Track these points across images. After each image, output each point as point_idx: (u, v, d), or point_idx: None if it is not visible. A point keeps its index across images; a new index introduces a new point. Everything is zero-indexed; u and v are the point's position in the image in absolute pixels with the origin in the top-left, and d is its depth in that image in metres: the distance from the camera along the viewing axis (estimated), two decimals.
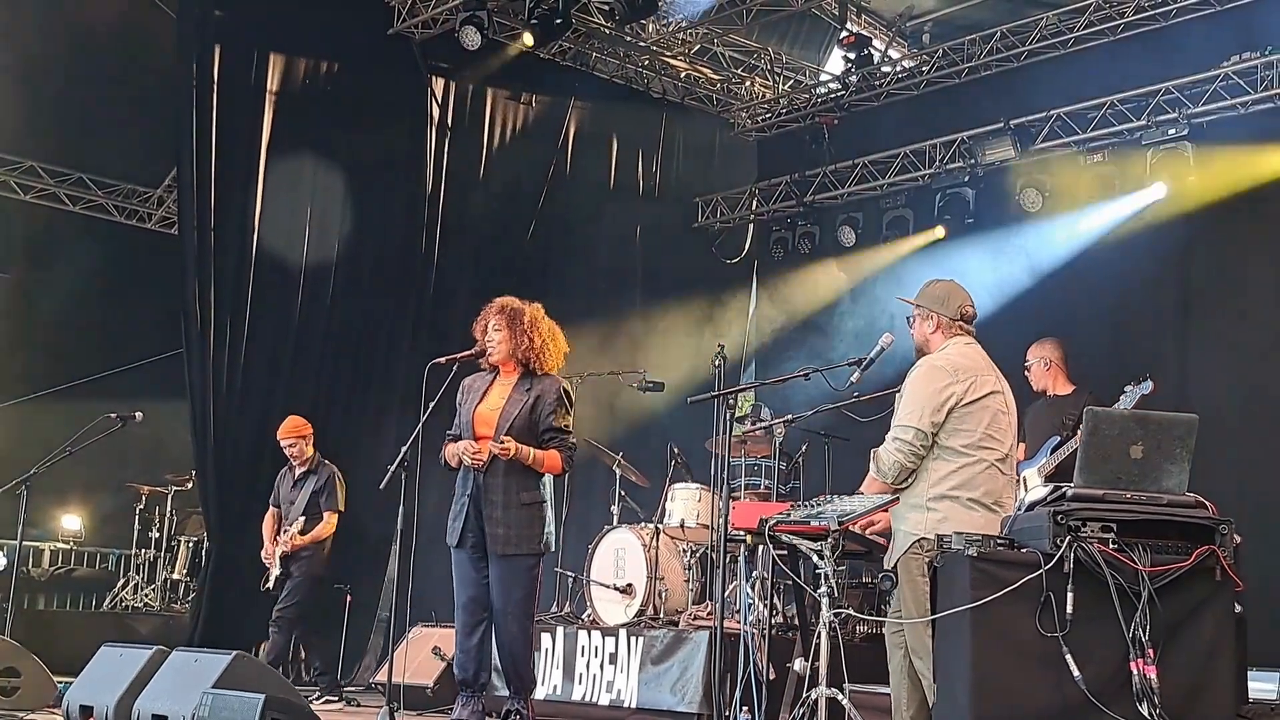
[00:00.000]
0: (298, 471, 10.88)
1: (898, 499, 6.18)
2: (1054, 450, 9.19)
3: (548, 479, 7.69)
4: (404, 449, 7.46)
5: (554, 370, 7.79)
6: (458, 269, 14.19)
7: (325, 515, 10.68)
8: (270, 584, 10.63)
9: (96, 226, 15.48)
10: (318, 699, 10.38)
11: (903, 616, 6.20)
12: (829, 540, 5.86)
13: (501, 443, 7.43)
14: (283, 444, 10.88)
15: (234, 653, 6.97)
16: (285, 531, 10.64)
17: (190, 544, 14.58)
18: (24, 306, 14.74)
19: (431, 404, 7.62)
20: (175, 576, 14.61)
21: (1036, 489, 8.81)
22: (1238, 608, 6.89)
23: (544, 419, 7.58)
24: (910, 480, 6.23)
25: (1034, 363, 9.68)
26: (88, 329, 15.00)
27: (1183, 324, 11.96)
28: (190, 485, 14.28)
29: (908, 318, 6.66)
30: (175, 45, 13.00)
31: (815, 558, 5.95)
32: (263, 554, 10.81)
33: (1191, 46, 11.86)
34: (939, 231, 13.66)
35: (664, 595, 9.78)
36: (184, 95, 12.75)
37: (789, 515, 6.20)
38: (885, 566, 6.31)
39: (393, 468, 7.47)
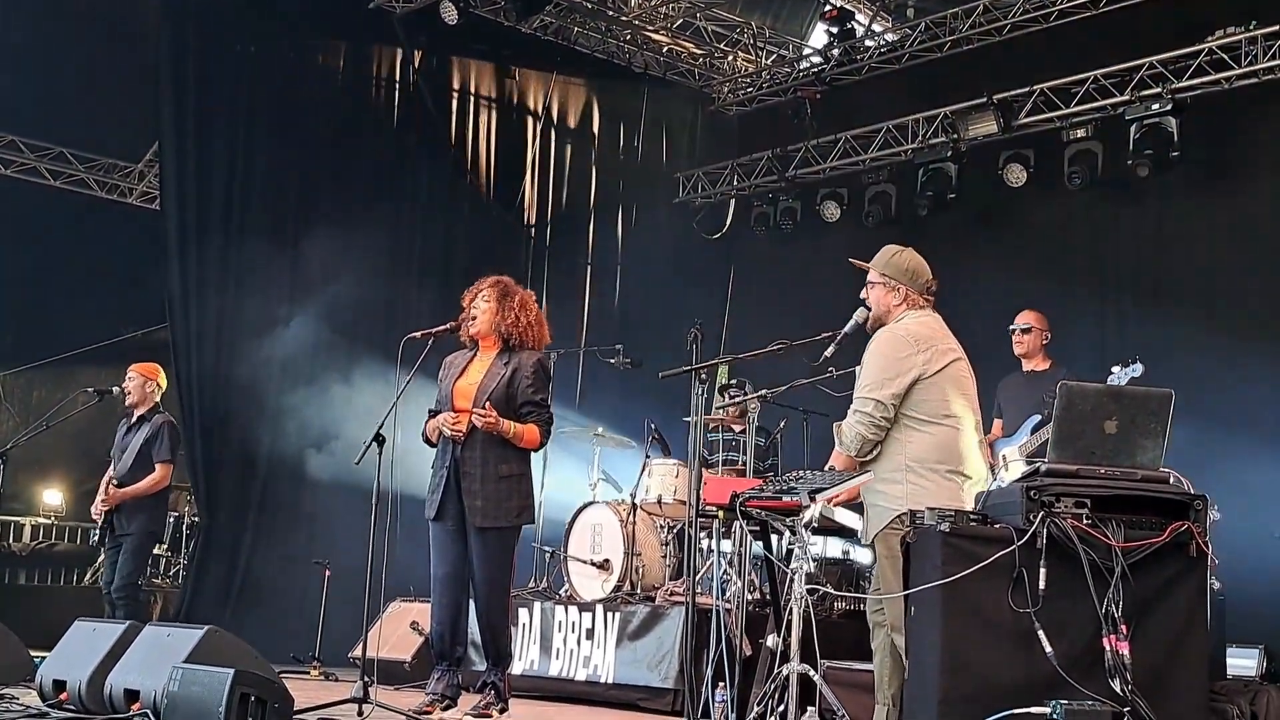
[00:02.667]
0: (134, 418, 10.02)
1: (872, 475, 6.12)
2: (1035, 430, 9.12)
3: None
4: (379, 424, 7.48)
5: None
6: (442, 245, 14.17)
7: (157, 467, 9.77)
8: (98, 538, 9.91)
9: (77, 201, 15.42)
10: None
11: (882, 593, 6.15)
12: (801, 516, 5.82)
13: (483, 410, 7.38)
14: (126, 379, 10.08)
15: (206, 627, 6.92)
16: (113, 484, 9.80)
17: (172, 519, 14.48)
18: (5, 281, 14.68)
19: (408, 379, 7.60)
20: (157, 552, 14.50)
21: (1017, 464, 8.82)
22: (1216, 584, 6.89)
23: (522, 392, 7.52)
24: (875, 452, 6.16)
25: (1033, 329, 9.47)
26: (70, 303, 14.94)
27: (1161, 300, 11.92)
28: None
29: (871, 283, 6.55)
30: (155, 18, 12.95)
31: (788, 533, 5.92)
32: (92, 508, 9.98)
33: (1176, 21, 11.80)
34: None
35: (641, 571, 9.75)
36: (164, 69, 12.73)
37: (762, 490, 6.17)
38: (862, 542, 6.26)
39: (368, 443, 7.48)
